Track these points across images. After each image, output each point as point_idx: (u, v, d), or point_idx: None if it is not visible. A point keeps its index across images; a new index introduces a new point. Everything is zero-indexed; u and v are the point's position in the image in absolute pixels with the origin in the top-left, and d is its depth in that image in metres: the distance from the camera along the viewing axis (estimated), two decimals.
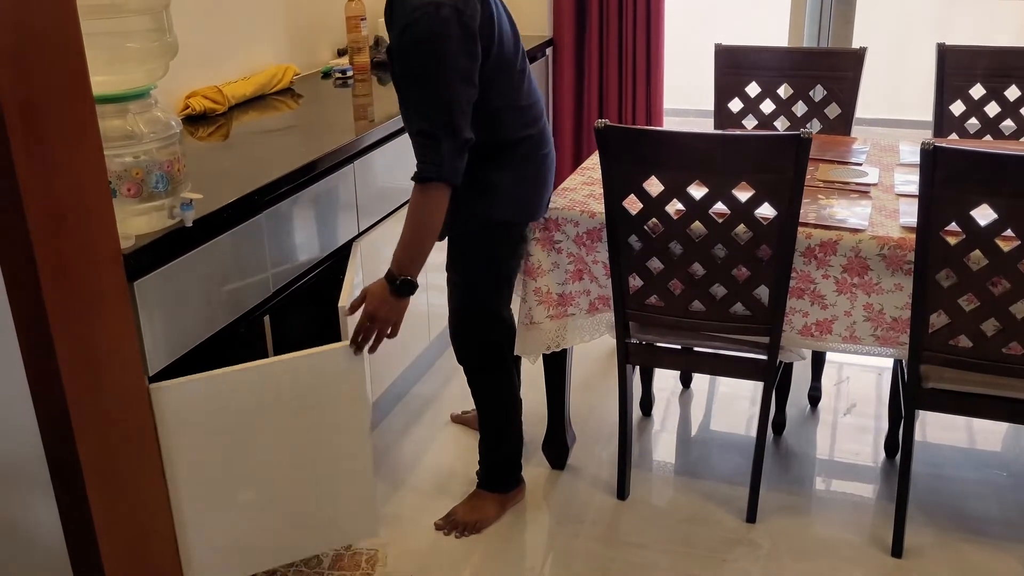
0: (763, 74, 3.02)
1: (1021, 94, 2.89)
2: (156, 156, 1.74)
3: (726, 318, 2.23)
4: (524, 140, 2.18)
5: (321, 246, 2.36)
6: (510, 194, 2.20)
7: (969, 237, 1.95)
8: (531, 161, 2.21)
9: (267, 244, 2.13)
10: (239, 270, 2.05)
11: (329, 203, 2.39)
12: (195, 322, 1.92)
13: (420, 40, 1.91)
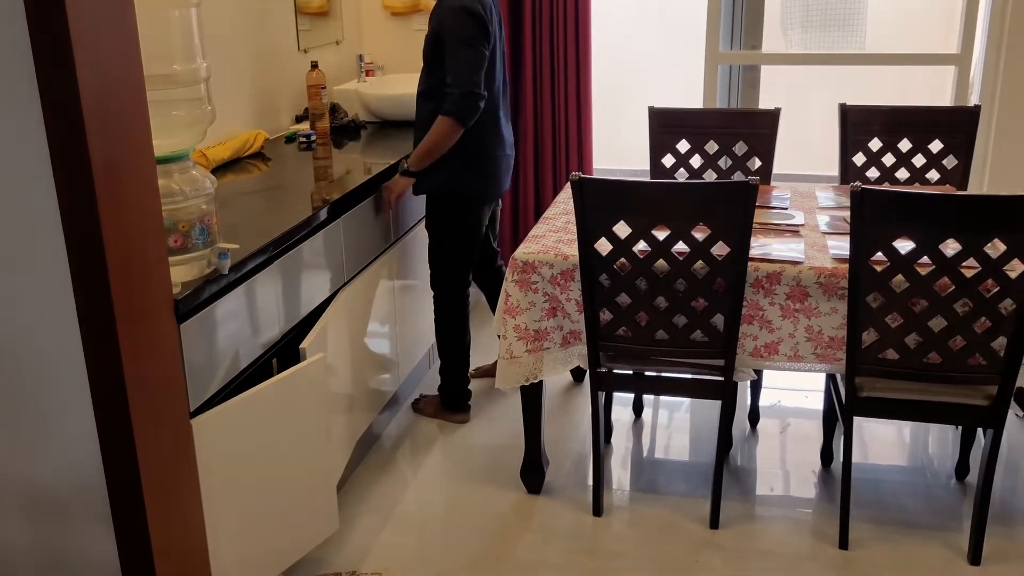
0: (692, 132, 3.38)
1: (912, 146, 3.32)
2: (198, 211, 1.93)
3: (687, 344, 2.53)
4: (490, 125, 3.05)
5: (313, 297, 2.56)
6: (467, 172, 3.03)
7: (892, 264, 2.30)
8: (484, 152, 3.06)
9: (280, 289, 2.33)
10: (258, 315, 2.23)
11: (319, 256, 2.60)
12: (223, 362, 2.10)
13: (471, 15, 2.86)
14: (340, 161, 3.26)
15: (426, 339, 3.51)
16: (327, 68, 3.57)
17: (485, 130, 3.04)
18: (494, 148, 3.09)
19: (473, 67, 2.87)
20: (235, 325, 2.14)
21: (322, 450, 2.39)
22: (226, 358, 2.11)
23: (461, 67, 2.87)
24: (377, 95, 3.78)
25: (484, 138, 3.04)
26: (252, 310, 2.21)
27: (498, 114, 3.10)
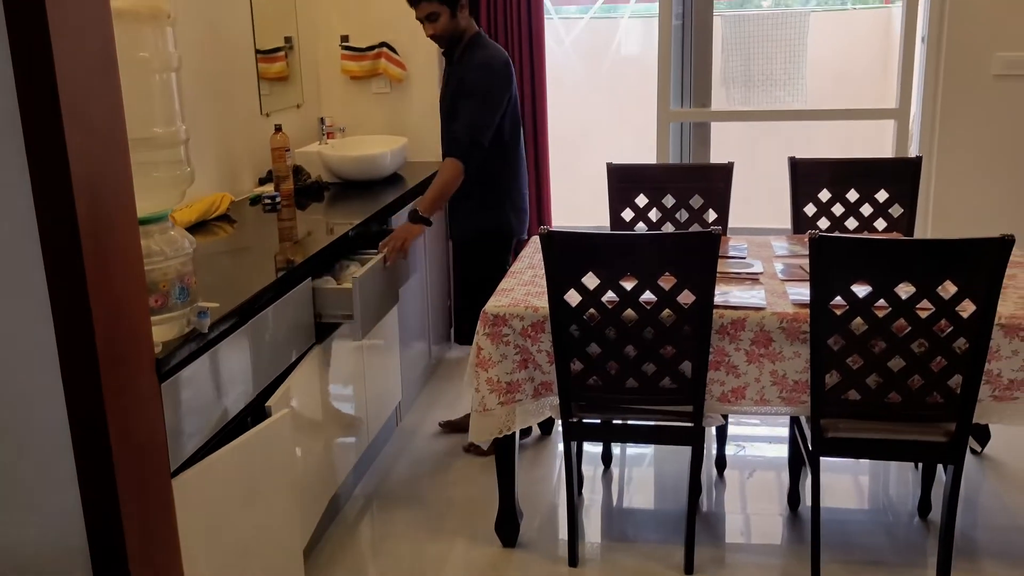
0: (649, 186, 3.49)
1: (859, 196, 3.46)
2: (177, 271, 1.95)
3: (656, 392, 2.59)
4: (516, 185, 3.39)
5: (288, 354, 2.57)
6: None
7: (851, 307, 2.39)
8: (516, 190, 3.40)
9: (256, 348, 2.34)
10: (235, 374, 2.24)
11: (292, 315, 2.62)
12: (202, 420, 2.10)
13: (495, 75, 3.23)
14: (305, 222, 3.29)
15: (393, 397, 3.52)
16: (289, 131, 3.62)
17: (515, 169, 3.40)
18: (523, 186, 3.47)
19: (486, 122, 3.21)
20: (213, 383, 2.14)
21: (290, 510, 2.38)
22: (204, 417, 2.11)
23: (476, 118, 3.19)
24: (339, 156, 3.83)
25: (515, 177, 3.41)
26: (229, 368, 2.22)
27: (523, 154, 3.47)
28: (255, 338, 2.35)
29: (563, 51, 5.69)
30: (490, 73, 3.23)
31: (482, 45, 3.31)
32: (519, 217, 3.46)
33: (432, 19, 3.26)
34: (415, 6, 3.28)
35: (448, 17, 3.25)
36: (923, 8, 4.05)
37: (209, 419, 2.14)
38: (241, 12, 3.58)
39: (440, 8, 3.24)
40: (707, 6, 4.26)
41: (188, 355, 2.01)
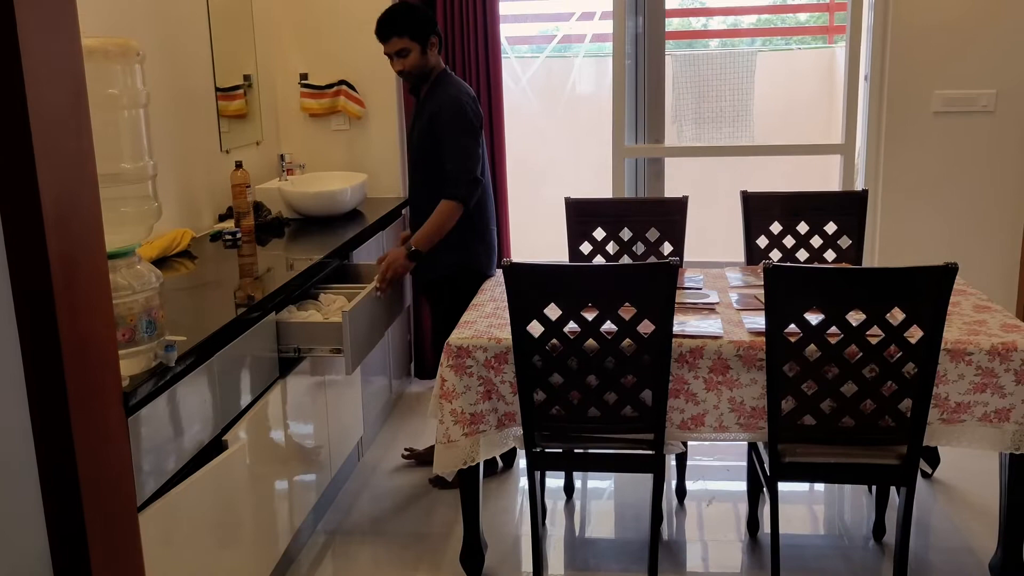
0: (607, 220, 3.56)
1: (809, 228, 3.57)
2: (144, 305, 1.96)
3: (618, 420, 2.63)
4: (487, 221, 3.41)
5: (252, 389, 2.58)
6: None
7: (804, 335, 2.47)
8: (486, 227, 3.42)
9: (217, 383, 2.34)
10: (200, 408, 2.24)
11: (256, 349, 2.62)
12: (167, 455, 2.09)
13: (468, 110, 3.24)
14: (266, 258, 3.31)
15: (355, 432, 3.53)
16: (249, 167, 3.64)
17: (485, 207, 3.41)
18: (492, 224, 3.49)
19: (474, 155, 3.24)
20: (179, 417, 2.14)
21: (252, 545, 2.37)
22: (170, 451, 2.11)
23: (463, 155, 3.22)
24: (299, 192, 3.85)
25: (485, 216, 3.42)
26: (194, 402, 2.22)
27: (491, 191, 3.49)
28: (220, 372, 2.36)
29: (520, 89, 5.79)
30: (462, 109, 3.24)
31: (449, 82, 3.33)
32: (489, 254, 3.45)
33: (402, 55, 3.27)
34: (385, 41, 3.29)
35: (418, 54, 3.27)
36: (865, 48, 4.21)
37: (174, 453, 2.13)
38: (201, 51, 3.61)
39: (411, 44, 3.26)
40: (659, 46, 4.38)
41: (155, 389, 2.01)
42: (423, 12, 3.33)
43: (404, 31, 3.25)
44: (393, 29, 3.26)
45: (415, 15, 3.29)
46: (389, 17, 3.29)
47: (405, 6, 3.35)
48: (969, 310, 2.83)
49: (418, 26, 3.27)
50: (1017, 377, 2.53)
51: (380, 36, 3.30)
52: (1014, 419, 2.55)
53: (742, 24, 6.72)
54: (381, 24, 3.30)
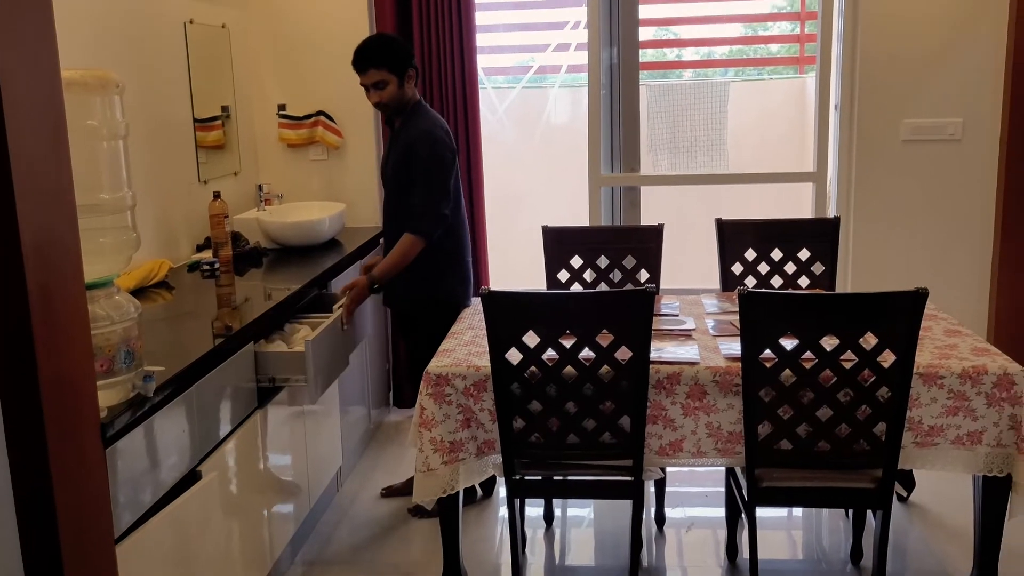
0: (584, 248, 3.59)
1: (783, 255, 3.62)
2: (122, 335, 1.96)
3: (597, 447, 2.65)
4: (461, 251, 3.43)
5: (231, 418, 2.57)
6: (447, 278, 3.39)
7: (780, 360, 2.50)
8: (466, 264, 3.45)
9: (195, 414, 2.34)
10: (179, 438, 2.24)
11: (234, 379, 2.62)
12: (146, 486, 2.08)
13: (440, 144, 3.24)
14: (244, 288, 3.31)
15: (333, 462, 3.51)
16: (227, 198, 3.65)
17: (460, 238, 3.42)
18: (466, 254, 3.49)
19: (443, 191, 3.25)
20: (157, 448, 2.13)
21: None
22: (147, 482, 2.09)
23: (431, 191, 3.23)
24: (277, 222, 3.86)
25: (460, 246, 3.43)
26: (173, 433, 2.21)
27: (465, 222, 3.50)
28: (198, 403, 2.35)
29: (497, 119, 5.85)
30: (435, 143, 3.25)
31: (423, 114, 3.35)
32: (464, 285, 3.46)
33: (379, 87, 3.27)
34: (362, 73, 3.28)
35: (396, 86, 3.27)
36: (835, 78, 4.29)
37: (151, 485, 2.12)
38: (180, 82, 3.62)
39: (389, 77, 3.25)
40: (633, 76, 4.45)
41: (132, 420, 2.01)
42: (401, 44, 3.35)
43: (382, 63, 3.25)
44: (371, 61, 3.26)
45: (393, 47, 3.30)
46: (367, 49, 3.30)
47: (383, 38, 3.38)
48: (940, 334, 2.87)
49: (396, 58, 3.27)
50: (988, 400, 2.57)
51: (357, 67, 3.30)
52: (986, 442, 2.59)
53: (715, 55, 6.83)
54: (359, 55, 3.29)
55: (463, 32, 4.17)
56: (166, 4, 3.54)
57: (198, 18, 3.74)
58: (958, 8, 4.05)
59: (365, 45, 3.32)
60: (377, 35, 3.46)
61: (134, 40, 3.30)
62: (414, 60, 3.35)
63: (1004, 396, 2.56)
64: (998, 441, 2.59)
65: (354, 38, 4.13)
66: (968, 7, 4.05)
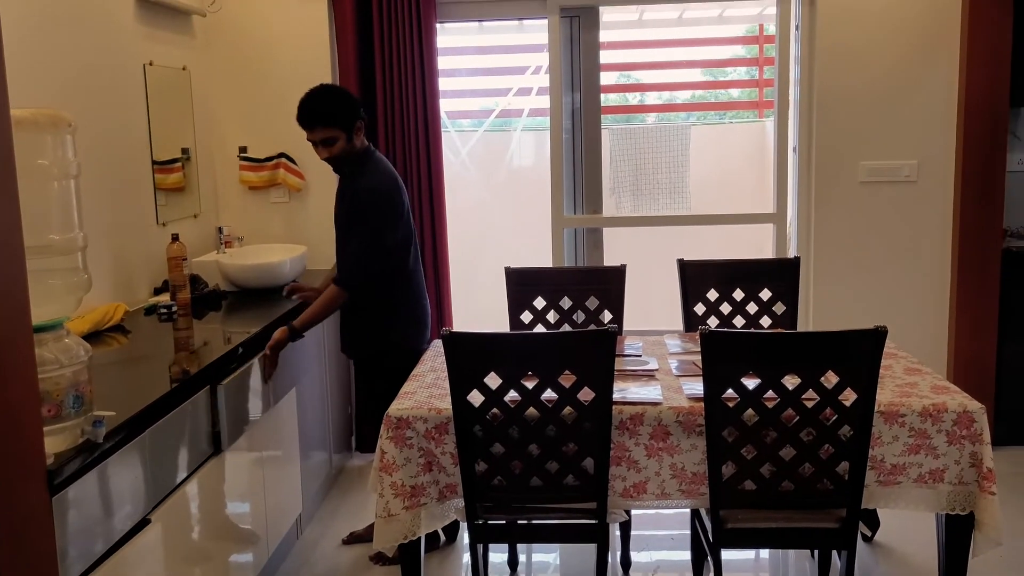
0: (547, 289, 3.59)
1: (745, 295, 3.64)
2: (71, 380, 1.91)
3: (560, 490, 2.61)
4: (416, 297, 3.38)
5: (186, 465, 2.51)
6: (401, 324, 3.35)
7: (742, 399, 2.49)
8: (415, 302, 3.39)
9: (147, 460, 2.28)
10: (131, 486, 2.17)
11: (190, 425, 2.56)
12: (94, 536, 2.01)
13: (384, 199, 3.19)
14: (202, 331, 3.26)
15: (293, 509, 3.44)
16: (186, 240, 3.61)
17: (411, 282, 3.37)
18: (421, 297, 3.44)
19: (376, 250, 3.19)
20: (107, 496, 2.07)
21: None
22: (97, 532, 2.03)
23: (363, 246, 3.17)
24: (237, 265, 3.82)
25: (412, 289, 3.38)
26: (124, 480, 2.15)
27: (419, 266, 3.44)
28: (152, 448, 2.29)
29: (460, 161, 5.87)
30: (379, 198, 3.18)
31: (372, 166, 3.26)
32: (419, 329, 3.42)
33: (328, 144, 3.17)
34: (310, 129, 3.17)
35: (345, 141, 3.18)
36: (793, 121, 4.37)
37: (102, 535, 2.05)
38: (138, 123, 3.59)
39: (337, 133, 3.16)
40: (595, 120, 4.49)
41: (82, 467, 1.95)
42: (348, 97, 3.24)
43: (330, 120, 3.15)
44: (318, 118, 3.15)
45: (341, 101, 3.19)
46: (313, 105, 3.17)
47: (329, 92, 3.23)
48: (901, 372, 2.89)
49: (345, 113, 3.17)
50: (949, 438, 2.58)
51: (304, 124, 3.18)
52: (948, 480, 2.60)
53: (677, 99, 6.93)
54: (305, 113, 3.17)
55: (426, 75, 4.19)
56: (125, 46, 3.52)
57: (158, 60, 3.72)
58: (912, 52, 4.15)
59: (311, 100, 3.18)
60: (322, 88, 3.24)
61: (92, 81, 3.28)
62: (362, 110, 3.25)
63: (964, 434, 2.57)
64: (960, 479, 2.59)
65: (316, 81, 4.13)
66: (921, 51, 4.14)
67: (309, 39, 4.25)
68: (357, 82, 4.20)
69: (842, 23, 4.16)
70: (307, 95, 3.20)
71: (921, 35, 4.14)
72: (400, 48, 4.17)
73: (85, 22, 3.24)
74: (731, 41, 6.88)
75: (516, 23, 5.49)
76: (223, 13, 4.21)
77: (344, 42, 4.17)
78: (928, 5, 4.11)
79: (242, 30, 4.26)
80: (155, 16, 3.72)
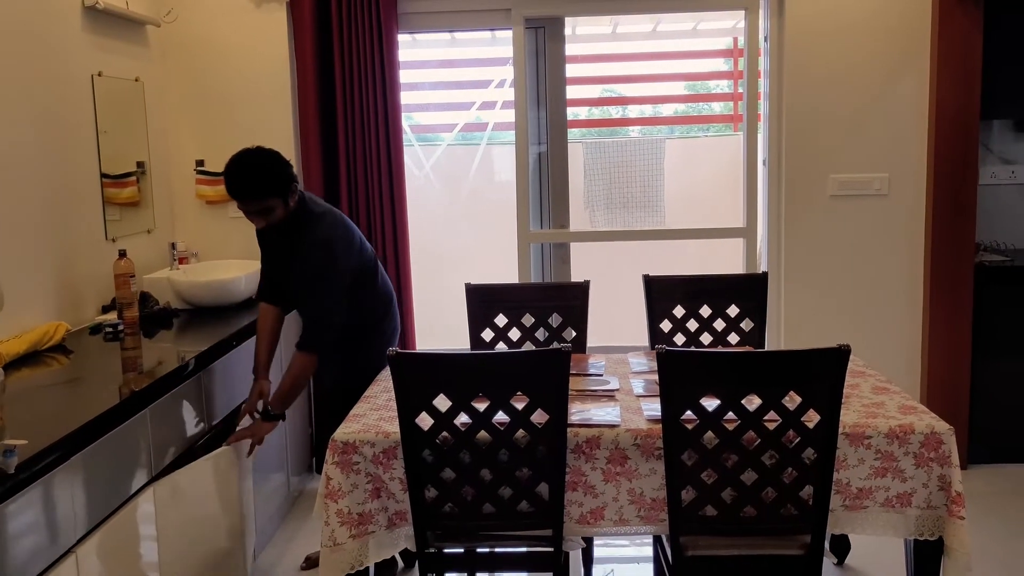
0: (508, 306, 3.49)
1: (712, 311, 3.54)
2: None
3: (514, 516, 2.50)
4: (382, 318, 3.30)
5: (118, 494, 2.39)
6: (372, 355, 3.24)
7: (701, 421, 2.39)
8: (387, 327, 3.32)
9: (78, 488, 2.15)
10: (53, 518, 2.05)
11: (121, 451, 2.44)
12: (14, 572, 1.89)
13: (335, 251, 3.03)
14: (150, 350, 3.13)
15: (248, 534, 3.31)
16: (138, 256, 3.49)
17: (377, 308, 3.28)
18: (391, 318, 3.36)
19: (335, 302, 3.03)
20: (24, 531, 1.94)
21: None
22: (12, 571, 1.90)
23: (322, 303, 3.01)
24: (188, 282, 3.70)
25: (377, 314, 3.28)
26: (45, 512, 2.02)
27: (384, 289, 3.34)
28: (78, 476, 2.17)
29: (423, 175, 5.77)
30: (330, 251, 3.01)
31: (310, 217, 3.05)
32: (388, 346, 3.27)
33: (265, 213, 2.95)
34: (243, 202, 2.94)
35: (282, 207, 2.97)
36: (762, 135, 4.29)
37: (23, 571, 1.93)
38: (86, 136, 3.48)
39: (274, 202, 2.95)
40: (562, 133, 4.40)
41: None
42: (278, 161, 2.98)
43: (266, 192, 2.92)
44: (253, 192, 2.92)
45: (273, 171, 2.94)
46: (245, 179, 2.92)
47: (258, 162, 2.96)
48: (868, 392, 2.80)
49: (279, 181, 2.94)
50: (916, 460, 2.49)
51: (237, 199, 2.95)
52: (916, 504, 2.50)
53: (659, 113, 6.88)
54: (237, 187, 2.93)
55: (387, 87, 4.09)
56: (72, 56, 3.40)
57: (108, 71, 3.61)
58: (882, 65, 4.09)
59: (241, 174, 2.93)
60: (250, 159, 2.96)
61: (36, 92, 3.16)
62: (292, 170, 3.02)
63: (932, 456, 2.49)
64: (928, 503, 2.50)
65: (275, 93, 4.06)
66: (891, 64, 4.08)
67: (267, 50, 4.15)
68: (316, 93, 4.10)
69: (811, 36, 4.09)
70: (236, 168, 2.94)
71: (891, 48, 4.08)
72: (361, 59, 4.07)
73: (28, 32, 3.13)
74: (709, 54, 6.84)
75: (488, 36, 5.42)
76: (179, 23, 4.11)
77: (303, 53, 4.08)
78: (898, 18, 4.06)
79: (199, 40, 4.16)
80: (105, 26, 3.61)
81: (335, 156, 4.16)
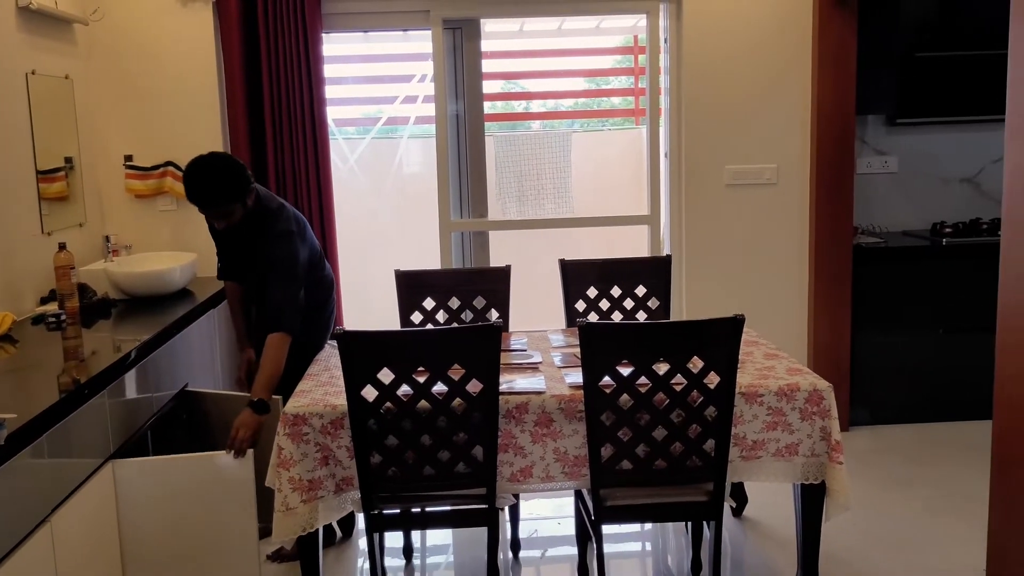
0: (436, 290, 3.74)
1: (622, 292, 3.87)
2: None
3: (452, 477, 2.77)
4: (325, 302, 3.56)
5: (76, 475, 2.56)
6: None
7: (618, 386, 2.70)
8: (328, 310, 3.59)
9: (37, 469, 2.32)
10: (19, 497, 2.22)
11: (86, 432, 2.60)
12: None
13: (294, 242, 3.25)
14: (92, 339, 3.27)
15: None
16: (73, 249, 3.60)
17: (323, 290, 3.54)
18: (329, 302, 3.61)
19: (297, 287, 3.24)
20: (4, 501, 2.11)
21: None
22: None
23: (287, 289, 3.20)
24: (125, 273, 3.83)
25: (324, 297, 3.55)
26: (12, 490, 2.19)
27: (326, 275, 3.60)
28: (48, 451, 2.34)
29: (348, 168, 5.95)
30: (291, 242, 3.25)
31: (272, 212, 3.30)
32: (327, 330, 3.59)
33: (226, 216, 3.19)
34: (207, 210, 3.17)
35: (242, 209, 3.20)
36: (664, 128, 4.64)
37: None
38: (21, 133, 3.57)
39: (235, 207, 3.18)
40: (479, 127, 4.66)
41: None
42: (236, 167, 3.19)
43: (227, 200, 3.15)
44: (215, 202, 3.14)
45: (231, 176, 3.15)
46: (206, 189, 3.12)
47: (217, 169, 3.16)
48: (760, 358, 3.16)
49: (239, 188, 3.16)
50: (802, 415, 2.85)
51: (201, 206, 3.16)
52: (802, 453, 2.87)
53: (561, 107, 7.17)
54: (199, 197, 3.13)
55: (312, 83, 4.28)
56: (8, 55, 3.50)
57: (41, 69, 3.71)
58: (770, 64, 4.48)
59: (202, 183, 3.11)
60: (208, 166, 3.15)
61: None
62: (249, 173, 3.23)
63: (815, 410, 2.85)
64: (812, 451, 2.87)
65: (202, 89, 4.18)
66: (778, 63, 4.48)
67: (194, 47, 4.29)
68: (243, 90, 4.26)
69: (706, 36, 4.46)
70: (195, 178, 3.12)
71: (778, 49, 4.47)
72: (286, 57, 4.25)
73: None
74: (609, 51, 7.17)
75: (400, 33, 5.61)
76: (106, 21, 4.21)
77: (230, 50, 4.23)
78: (784, 21, 4.45)
79: (126, 38, 4.26)
80: (37, 25, 3.71)
81: (263, 151, 4.33)
